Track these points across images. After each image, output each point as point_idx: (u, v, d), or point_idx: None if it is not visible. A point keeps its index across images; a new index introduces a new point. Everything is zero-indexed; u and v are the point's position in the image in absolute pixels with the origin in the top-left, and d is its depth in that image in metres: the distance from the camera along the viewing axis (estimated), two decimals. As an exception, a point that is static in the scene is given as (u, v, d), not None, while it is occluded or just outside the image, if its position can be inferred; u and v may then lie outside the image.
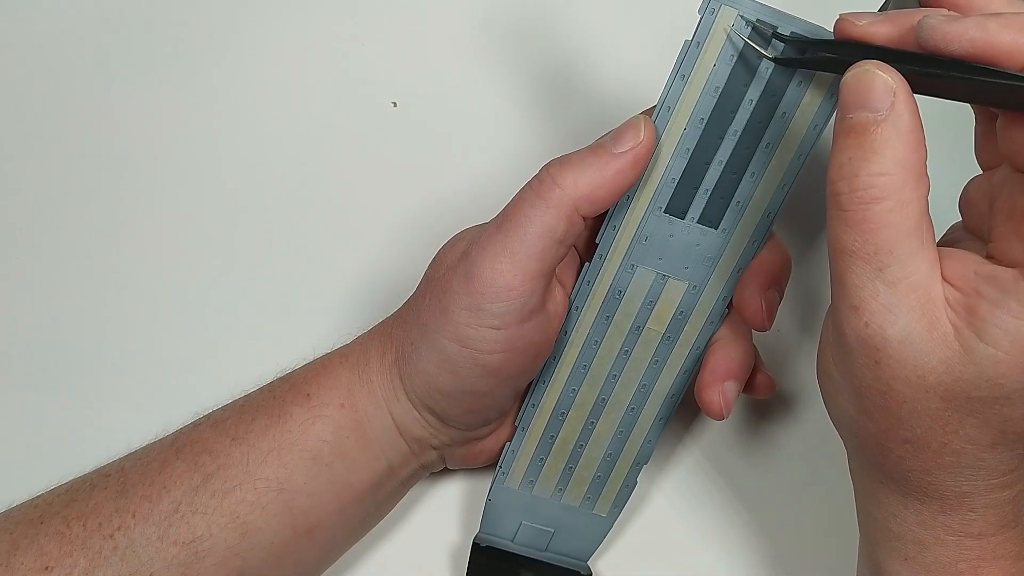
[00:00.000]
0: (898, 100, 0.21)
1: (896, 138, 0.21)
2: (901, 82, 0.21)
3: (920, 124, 0.21)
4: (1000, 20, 0.20)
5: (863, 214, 0.21)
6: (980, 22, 0.20)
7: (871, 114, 0.21)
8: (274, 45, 0.37)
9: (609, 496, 0.31)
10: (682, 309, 0.29)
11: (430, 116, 0.37)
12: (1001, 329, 0.20)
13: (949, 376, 0.21)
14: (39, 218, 0.35)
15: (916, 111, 0.21)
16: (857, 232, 0.21)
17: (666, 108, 0.27)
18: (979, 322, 0.21)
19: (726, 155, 0.27)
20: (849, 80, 0.22)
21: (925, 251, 0.21)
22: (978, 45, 0.20)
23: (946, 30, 0.20)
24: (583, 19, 0.38)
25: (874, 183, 0.21)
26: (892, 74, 0.21)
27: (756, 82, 0.26)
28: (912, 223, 0.21)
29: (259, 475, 0.27)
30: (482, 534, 0.31)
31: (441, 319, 0.26)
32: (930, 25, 0.21)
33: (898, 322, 0.21)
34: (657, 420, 0.30)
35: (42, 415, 0.33)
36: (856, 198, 0.21)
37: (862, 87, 0.21)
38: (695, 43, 0.26)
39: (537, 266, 0.26)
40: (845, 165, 0.21)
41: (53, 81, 0.37)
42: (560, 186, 0.25)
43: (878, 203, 0.21)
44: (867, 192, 0.21)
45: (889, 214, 0.21)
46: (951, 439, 0.22)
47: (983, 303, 0.21)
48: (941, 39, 0.20)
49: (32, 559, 0.25)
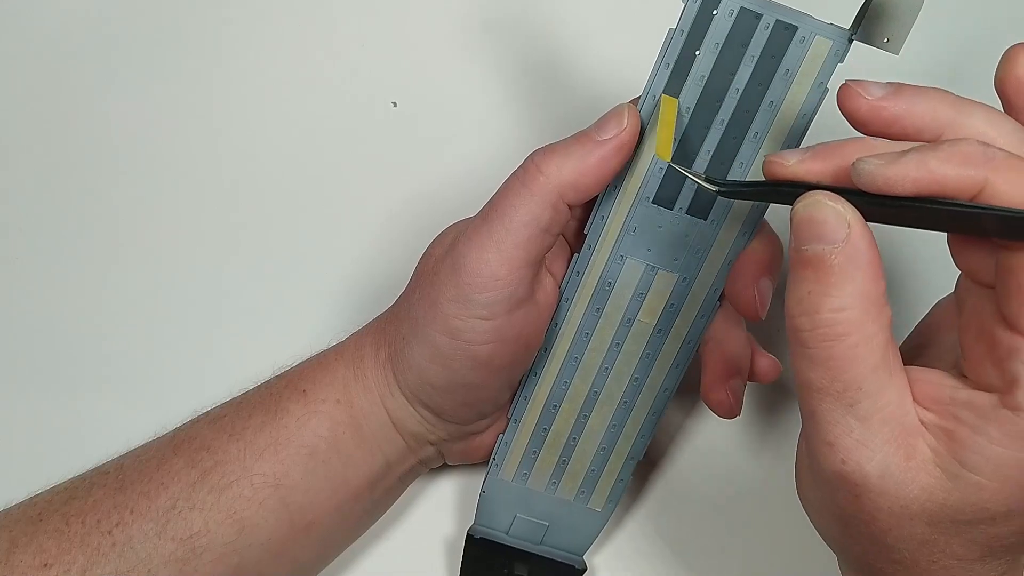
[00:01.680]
0: (853, 231, 0.20)
1: (855, 270, 0.20)
2: (854, 212, 0.21)
3: (877, 253, 0.21)
4: (939, 155, 0.20)
5: (828, 352, 0.21)
6: (920, 161, 0.20)
7: (827, 247, 0.20)
8: (274, 45, 0.38)
9: (603, 490, 0.31)
10: (673, 301, 0.29)
11: (429, 116, 0.37)
12: (983, 456, 0.20)
13: (932, 503, 0.21)
14: (38, 218, 0.36)
15: (871, 240, 0.21)
16: (824, 370, 0.21)
17: (651, 96, 0.27)
18: (960, 449, 0.20)
19: (713, 145, 0.27)
20: (800, 211, 0.21)
21: (894, 380, 0.21)
22: (921, 185, 0.20)
23: (887, 175, 0.20)
24: (581, 18, 0.38)
25: (836, 319, 0.20)
26: (843, 204, 0.21)
27: (742, 72, 0.26)
28: (878, 356, 0.21)
29: (256, 471, 0.27)
30: (477, 526, 0.31)
31: (430, 312, 0.27)
32: (868, 171, 0.20)
33: (875, 457, 0.21)
34: (650, 414, 0.30)
35: (41, 414, 0.33)
36: (819, 335, 0.21)
37: (815, 219, 0.21)
38: (679, 31, 0.26)
39: (524, 255, 0.26)
40: (804, 300, 0.21)
41: (53, 81, 0.37)
42: (544, 174, 0.25)
43: (842, 340, 0.20)
44: (830, 329, 0.20)
45: (854, 350, 0.20)
46: (939, 557, 0.21)
47: (962, 428, 0.20)
48: (883, 184, 0.20)
49: (31, 556, 0.25)
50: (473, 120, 0.37)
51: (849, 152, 0.21)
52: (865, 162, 0.20)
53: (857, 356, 0.20)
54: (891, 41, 0.25)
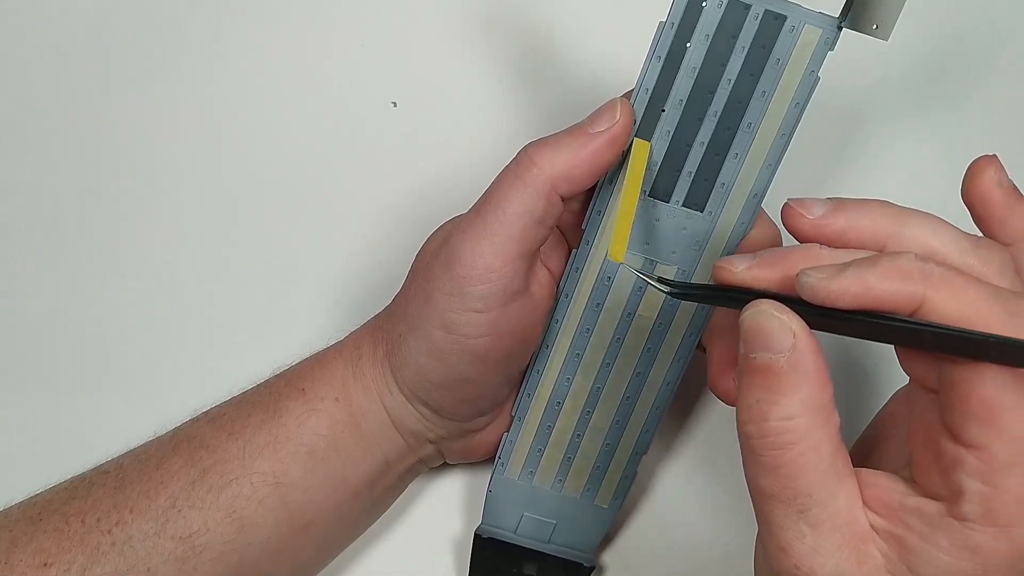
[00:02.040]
0: (798, 341, 0.21)
1: (801, 379, 0.21)
2: (799, 322, 0.21)
3: (823, 361, 0.21)
4: (878, 271, 0.20)
5: (777, 459, 0.21)
6: (859, 277, 0.20)
7: (773, 356, 0.21)
8: (274, 45, 0.38)
9: (609, 487, 0.31)
10: (673, 294, 0.29)
11: (428, 116, 0.37)
12: (932, 565, 0.20)
13: None
14: (37, 218, 0.36)
15: (817, 349, 0.21)
16: (774, 477, 0.21)
17: (644, 89, 0.27)
18: (909, 555, 0.20)
19: (707, 136, 0.27)
20: (747, 320, 0.22)
21: (844, 486, 0.21)
22: (861, 300, 0.20)
23: (828, 289, 0.20)
24: (576, 15, 0.38)
25: (784, 427, 0.21)
26: (789, 315, 0.21)
27: (733, 62, 0.26)
28: (827, 463, 0.21)
29: (255, 469, 0.27)
30: (484, 525, 0.31)
31: (426, 307, 0.27)
32: (810, 285, 0.21)
33: (828, 563, 0.21)
34: (654, 409, 0.30)
35: (41, 414, 0.33)
36: (768, 443, 0.21)
37: (761, 329, 0.21)
38: (669, 24, 0.26)
39: (518, 247, 0.26)
40: (753, 407, 0.21)
41: (52, 81, 0.38)
42: (537, 165, 0.26)
43: (791, 448, 0.21)
44: (779, 437, 0.21)
45: (803, 458, 0.21)
46: None
47: (912, 536, 0.21)
48: (824, 298, 0.21)
49: (31, 556, 0.25)
50: (472, 120, 0.37)
51: (795, 261, 0.22)
52: (807, 275, 0.21)
53: (806, 464, 0.21)
54: (880, 28, 0.25)
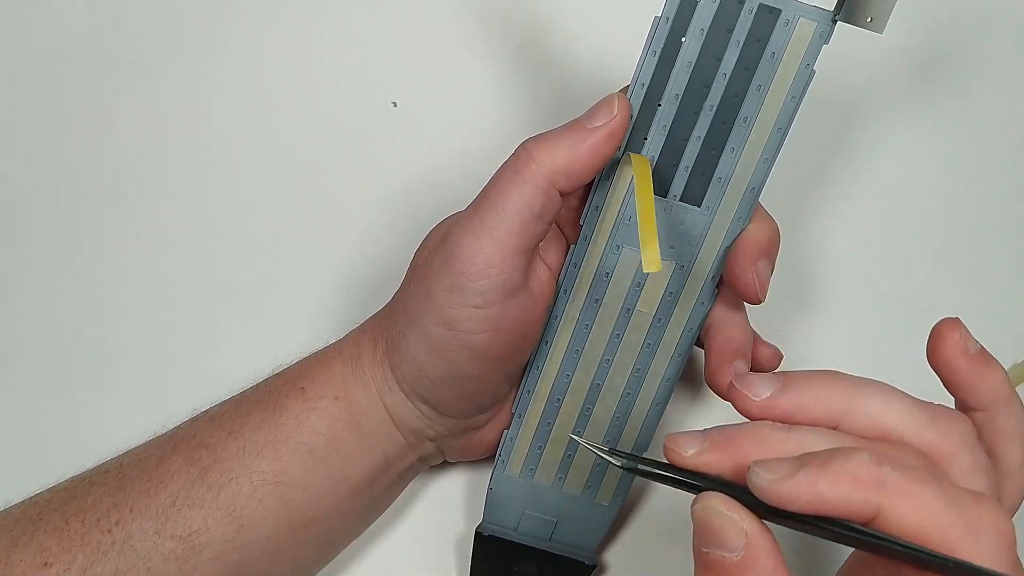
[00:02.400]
0: (751, 540, 0.20)
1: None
2: (752, 520, 0.20)
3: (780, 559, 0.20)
4: (829, 477, 0.19)
5: None
6: (811, 482, 0.19)
7: (727, 554, 0.20)
8: (274, 45, 0.39)
9: (610, 484, 0.31)
10: (671, 289, 0.29)
11: (428, 115, 0.38)
12: None
13: None
14: (37, 218, 0.36)
15: (773, 547, 0.20)
16: None
17: (640, 84, 0.27)
18: None
19: (703, 131, 0.27)
20: (697, 514, 0.21)
21: None
22: (814, 506, 0.19)
23: (779, 492, 0.19)
24: (573, 13, 0.38)
25: None
26: (741, 512, 0.20)
27: (728, 57, 0.26)
28: None
29: (255, 468, 0.27)
30: (485, 523, 0.31)
31: (425, 304, 0.27)
32: (760, 486, 0.20)
33: None
34: (654, 405, 0.30)
35: (41, 414, 0.33)
36: None
37: (712, 526, 0.20)
38: (664, 19, 0.26)
39: (517, 242, 0.26)
40: None
41: (52, 81, 0.38)
42: (536, 161, 0.26)
43: None
44: None
45: None
46: None
47: None
48: (776, 500, 0.20)
49: (31, 555, 0.25)
50: (472, 119, 0.37)
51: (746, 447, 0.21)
52: (757, 475, 0.20)
53: None
54: (874, 20, 0.26)
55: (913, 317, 0.35)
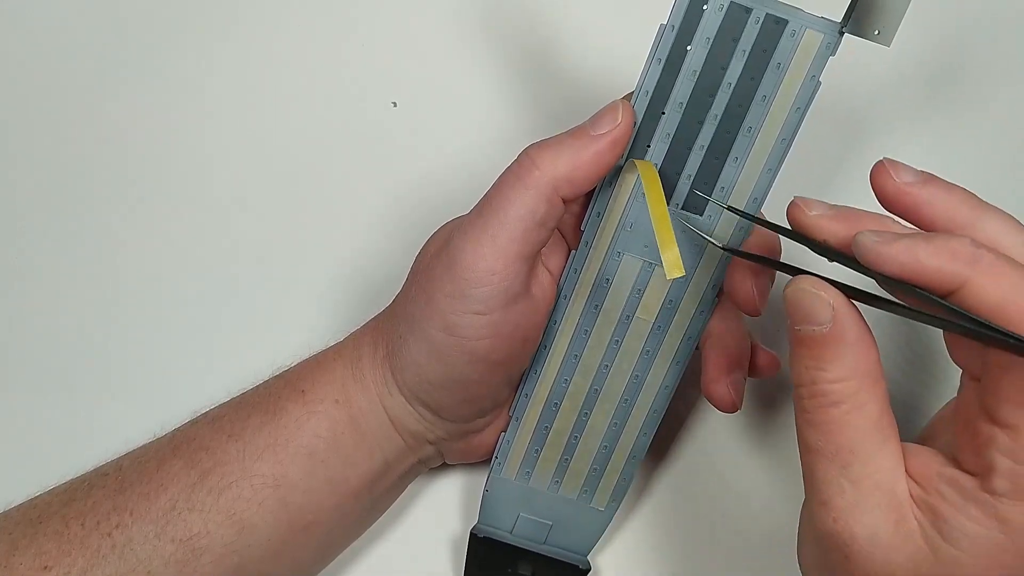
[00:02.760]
0: (838, 313, 0.22)
1: (845, 347, 0.22)
2: (839, 296, 0.22)
3: (866, 329, 0.22)
4: (930, 246, 0.21)
5: (823, 416, 0.22)
6: (911, 247, 0.21)
7: (816, 328, 0.22)
8: (274, 45, 0.38)
9: (606, 489, 0.31)
10: (671, 298, 0.29)
11: (428, 115, 0.37)
12: (962, 532, 0.21)
13: (916, 573, 0.21)
14: (37, 219, 0.36)
15: (859, 318, 0.22)
16: (819, 433, 0.22)
17: (644, 92, 0.27)
18: (942, 523, 0.21)
19: (707, 140, 0.27)
20: (789, 297, 0.23)
21: (887, 449, 0.22)
22: (907, 269, 0.21)
23: (879, 251, 0.21)
24: (576, 16, 0.38)
25: (831, 390, 0.22)
26: (828, 290, 0.22)
27: (733, 66, 0.26)
28: (871, 423, 0.22)
29: (255, 471, 0.27)
30: (480, 525, 0.31)
31: (427, 309, 0.27)
32: (864, 244, 0.22)
33: (864, 519, 0.22)
34: (651, 412, 0.30)
35: (41, 415, 0.33)
36: (816, 403, 0.22)
37: (802, 304, 0.22)
38: (670, 26, 0.26)
39: (519, 249, 0.26)
40: (803, 373, 0.23)
41: (53, 81, 0.38)
42: (539, 167, 0.26)
43: (836, 407, 0.22)
44: (825, 397, 0.22)
45: (847, 416, 0.22)
46: None
47: (945, 505, 0.21)
48: (875, 259, 0.21)
49: (31, 558, 0.25)
50: (473, 120, 0.37)
51: (865, 223, 0.23)
52: (865, 235, 0.22)
53: (850, 422, 0.22)
54: (882, 33, 0.25)
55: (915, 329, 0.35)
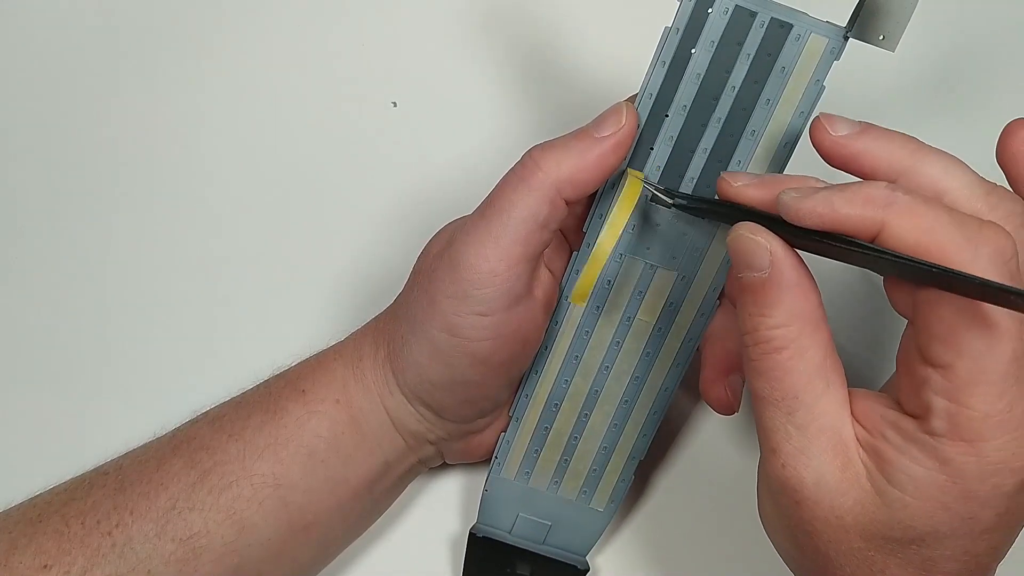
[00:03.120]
0: (776, 258, 0.22)
1: (784, 292, 0.22)
2: (776, 241, 0.22)
3: (805, 273, 0.23)
4: (845, 195, 0.21)
5: (767, 363, 0.23)
6: (827, 199, 0.21)
7: (755, 273, 0.22)
8: (274, 45, 0.38)
9: (605, 490, 0.31)
10: (672, 299, 0.29)
11: (428, 115, 0.37)
12: (906, 474, 0.21)
13: (864, 516, 0.22)
14: (37, 220, 0.36)
15: (798, 263, 0.23)
16: (765, 380, 0.23)
17: (647, 94, 0.27)
18: (886, 465, 0.22)
19: (710, 143, 0.27)
20: (730, 243, 0.23)
21: (831, 393, 0.22)
22: (826, 220, 0.21)
23: (798, 207, 0.22)
24: (579, 17, 0.38)
25: (772, 335, 0.22)
26: (764, 235, 0.23)
27: (738, 69, 0.26)
28: (813, 368, 0.22)
29: (255, 471, 0.27)
30: (479, 525, 0.31)
31: (429, 310, 0.27)
32: (784, 202, 0.22)
33: (811, 463, 0.22)
34: (651, 414, 0.30)
35: (41, 415, 0.33)
36: (759, 349, 0.23)
37: (741, 249, 0.23)
38: (674, 29, 0.26)
39: (522, 250, 0.26)
40: (747, 320, 0.23)
41: (53, 80, 0.37)
42: (543, 169, 0.26)
43: (779, 352, 0.22)
44: (768, 344, 0.22)
45: (790, 362, 0.22)
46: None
47: (889, 447, 0.22)
48: (795, 215, 0.22)
49: (31, 558, 0.25)
50: (473, 120, 0.37)
51: (787, 185, 0.23)
52: (784, 194, 0.22)
53: (793, 368, 0.22)
54: (887, 38, 0.25)
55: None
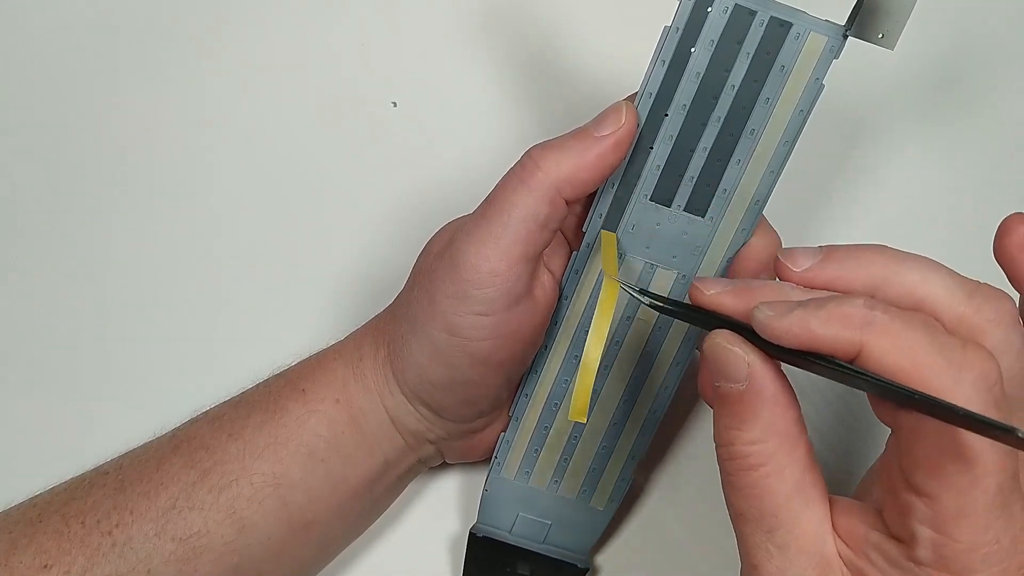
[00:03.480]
0: (754, 370, 0.21)
1: (762, 406, 0.21)
2: (754, 352, 0.22)
3: (784, 386, 0.22)
4: (822, 314, 0.21)
5: (742, 480, 0.22)
6: (803, 320, 0.21)
7: (732, 385, 0.22)
8: (274, 45, 0.38)
9: (605, 489, 0.31)
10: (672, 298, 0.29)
11: (428, 115, 0.37)
12: None
13: None
14: (38, 220, 0.36)
15: (776, 376, 0.22)
16: (741, 497, 0.22)
17: (647, 94, 0.27)
18: None
19: (710, 142, 0.27)
20: (706, 351, 0.22)
21: (811, 512, 0.22)
22: (802, 341, 0.21)
23: (773, 327, 0.21)
24: (579, 16, 0.38)
25: (748, 451, 0.22)
26: (742, 346, 0.22)
27: (737, 68, 0.26)
28: (791, 487, 0.21)
29: (255, 470, 0.27)
30: (479, 525, 0.31)
31: (429, 310, 0.27)
32: (759, 320, 0.21)
33: None
34: (651, 413, 0.30)
35: (41, 414, 0.33)
36: (735, 465, 0.22)
37: (718, 359, 0.22)
38: (674, 28, 0.26)
39: (522, 250, 0.26)
40: (723, 432, 0.22)
41: (53, 80, 0.37)
42: (542, 169, 0.26)
43: (756, 470, 0.22)
44: (744, 460, 0.22)
45: (767, 480, 0.21)
46: None
47: (873, 570, 0.21)
48: (770, 335, 0.21)
49: (31, 557, 0.25)
50: (473, 120, 0.37)
51: (762, 294, 0.22)
52: (759, 310, 0.21)
53: (770, 486, 0.21)
54: (886, 37, 0.25)
55: None
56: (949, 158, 0.37)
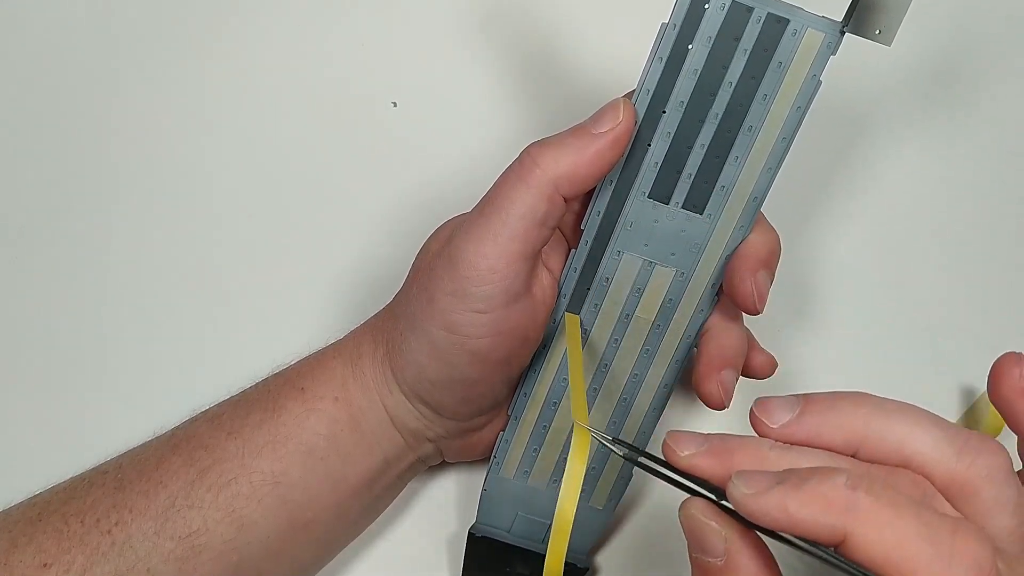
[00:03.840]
0: (732, 547, 0.20)
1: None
2: (732, 527, 0.20)
3: (765, 562, 0.20)
4: (802, 496, 0.19)
5: None
6: (780, 502, 0.19)
7: (710, 559, 0.21)
8: (274, 45, 0.38)
9: (605, 489, 0.31)
10: (670, 296, 0.29)
11: (428, 115, 0.37)
12: None
13: None
14: (38, 219, 0.36)
15: (756, 552, 0.20)
16: None
17: (645, 91, 0.27)
18: None
19: (708, 138, 0.27)
20: (681, 520, 0.21)
21: None
22: (782, 524, 0.19)
23: (751, 507, 0.20)
24: (577, 15, 0.38)
25: None
26: (720, 519, 0.21)
27: (735, 65, 0.26)
28: None
29: (254, 468, 0.27)
30: (478, 524, 0.31)
31: (428, 308, 0.27)
32: (736, 499, 0.20)
33: None
34: (650, 411, 0.30)
35: (41, 414, 0.33)
36: None
37: (693, 531, 0.21)
38: (671, 25, 0.26)
39: (520, 248, 0.26)
40: None
41: (54, 81, 0.38)
42: (540, 166, 0.26)
43: None
44: None
45: None
46: None
47: None
48: (749, 515, 0.20)
49: (30, 556, 0.25)
50: (473, 119, 0.37)
51: (740, 459, 0.21)
52: (735, 486, 0.20)
53: None
54: (883, 33, 0.25)
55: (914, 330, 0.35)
56: (946, 153, 0.37)
